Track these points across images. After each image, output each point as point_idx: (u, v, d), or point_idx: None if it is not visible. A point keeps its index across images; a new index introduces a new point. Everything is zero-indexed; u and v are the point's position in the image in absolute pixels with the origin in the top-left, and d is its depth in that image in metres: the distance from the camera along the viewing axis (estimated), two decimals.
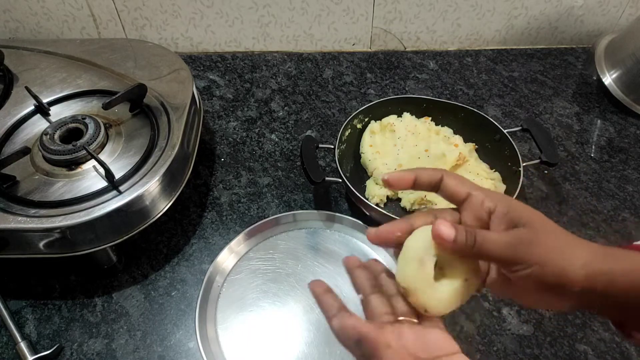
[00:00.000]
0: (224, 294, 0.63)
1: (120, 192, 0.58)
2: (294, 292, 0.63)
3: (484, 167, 0.73)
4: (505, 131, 0.72)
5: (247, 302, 0.62)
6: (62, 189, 0.60)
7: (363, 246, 0.68)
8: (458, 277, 0.36)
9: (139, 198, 0.58)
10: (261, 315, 0.61)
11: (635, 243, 0.39)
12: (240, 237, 0.67)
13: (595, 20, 1.02)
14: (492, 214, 0.36)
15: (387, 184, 0.40)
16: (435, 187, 0.39)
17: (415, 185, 0.39)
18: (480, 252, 0.34)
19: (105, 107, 0.66)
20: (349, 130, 0.76)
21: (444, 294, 0.36)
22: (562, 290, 0.33)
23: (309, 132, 0.84)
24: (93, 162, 0.62)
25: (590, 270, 0.32)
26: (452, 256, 0.36)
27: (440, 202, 0.67)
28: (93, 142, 0.63)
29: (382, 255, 0.66)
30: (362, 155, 0.76)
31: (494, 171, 0.73)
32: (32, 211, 0.57)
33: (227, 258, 0.65)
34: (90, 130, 0.64)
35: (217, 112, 0.88)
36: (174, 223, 0.70)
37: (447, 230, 0.34)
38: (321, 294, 0.38)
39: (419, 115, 0.79)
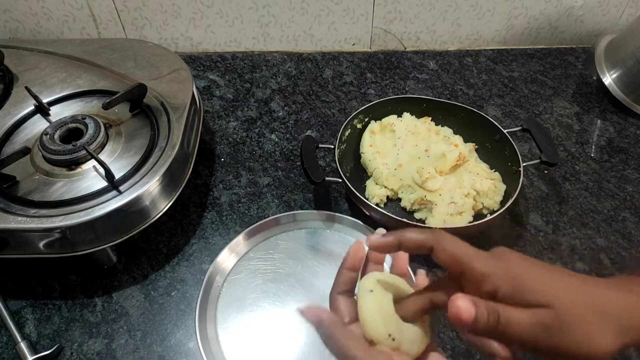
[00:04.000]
0: (224, 294, 0.63)
1: (120, 192, 0.58)
2: (294, 292, 0.63)
3: (484, 167, 0.73)
4: (505, 131, 0.72)
5: (247, 302, 0.62)
6: (62, 189, 0.60)
7: None
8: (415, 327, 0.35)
9: (139, 198, 0.58)
10: (261, 315, 0.61)
11: None
12: (240, 237, 0.67)
13: (595, 20, 1.02)
14: (497, 293, 0.31)
15: (371, 248, 0.36)
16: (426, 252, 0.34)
17: (401, 248, 0.35)
18: (504, 334, 0.29)
19: (105, 107, 0.66)
20: (349, 130, 0.76)
21: (415, 333, 0.35)
22: None
23: (309, 132, 0.84)
24: (93, 162, 0.62)
25: (624, 339, 0.29)
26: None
27: (440, 202, 0.67)
28: (93, 142, 0.63)
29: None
30: (362, 155, 0.76)
31: (494, 171, 0.73)
32: (32, 211, 0.57)
33: (227, 258, 0.65)
34: (90, 130, 0.64)
35: (217, 112, 0.88)
36: (174, 223, 0.70)
37: (466, 306, 0.29)
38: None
39: (419, 115, 0.79)
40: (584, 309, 0.29)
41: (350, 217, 0.69)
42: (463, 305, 0.29)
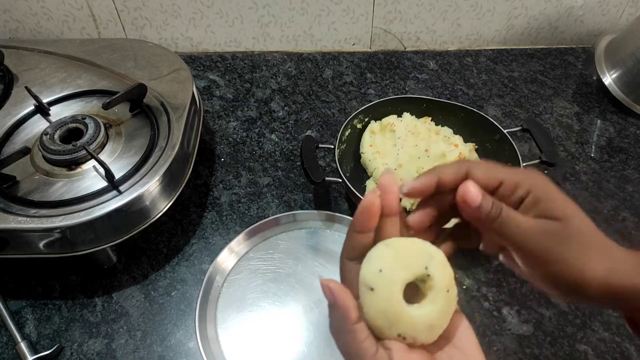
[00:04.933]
0: (224, 293, 0.63)
1: (120, 192, 0.58)
2: (294, 292, 0.63)
3: None
4: (505, 131, 0.72)
5: (247, 302, 0.62)
6: (62, 189, 0.60)
7: None
8: (439, 292, 0.32)
9: (139, 198, 0.58)
10: (261, 315, 0.61)
11: None
12: (240, 237, 0.67)
13: (595, 20, 1.02)
14: (524, 200, 0.32)
15: (410, 195, 0.34)
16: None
17: (440, 188, 0.34)
18: (502, 229, 0.32)
19: (105, 107, 0.66)
20: (349, 130, 0.76)
21: (432, 314, 0.31)
22: (574, 292, 0.31)
23: (309, 132, 0.84)
24: (93, 162, 0.62)
25: (612, 281, 0.30)
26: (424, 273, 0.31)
27: None
28: (93, 142, 0.63)
29: None
30: (362, 155, 0.76)
31: None
32: (32, 211, 0.57)
33: (227, 258, 0.65)
34: (90, 130, 0.64)
35: (217, 112, 0.88)
36: (174, 223, 0.70)
37: (475, 192, 0.31)
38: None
39: (419, 115, 0.79)
40: (591, 233, 0.31)
41: (350, 217, 0.69)
42: (473, 189, 0.32)
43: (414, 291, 0.32)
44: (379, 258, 0.32)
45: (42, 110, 0.70)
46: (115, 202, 0.57)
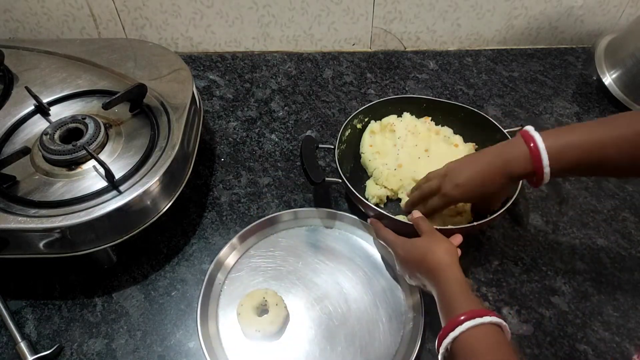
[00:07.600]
0: (225, 291, 0.63)
1: (120, 192, 0.59)
2: (295, 289, 0.63)
3: None
4: (505, 131, 0.72)
5: None
6: (62, 189, 0.60)
7: (363, 243, 0.68)
8: (272, 306, 0.60)
9: (139, 198, 0.59)
10: None
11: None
12: (241, 234, 0.67)
13: (595, 20, 1.02)
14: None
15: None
16: None
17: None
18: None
19: (105, 107, 0.66)
20: (349, 130, 0.76)
21: (265, 319, 0.59)
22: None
23: (309, 132, 0.84)
24: (93, 162, 0.62)
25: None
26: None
27: None
28: (93, 142, 0.63)
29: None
30: (362, 155, 0.76)
31: None
32: (32, 211, 0.57)
33: (228, 255, 0.65)
34: (90, 130, 0.64)
35: (217, 112, 0.88)
36: (174, 223, 0.70)
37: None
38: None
39: (419, 115, 0.79)
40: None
41: (350, 215, 0.69)
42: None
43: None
44: (241, 302, 0.60)
45: (42, 110, 0.70)
46: (115, 202, 0.57)
